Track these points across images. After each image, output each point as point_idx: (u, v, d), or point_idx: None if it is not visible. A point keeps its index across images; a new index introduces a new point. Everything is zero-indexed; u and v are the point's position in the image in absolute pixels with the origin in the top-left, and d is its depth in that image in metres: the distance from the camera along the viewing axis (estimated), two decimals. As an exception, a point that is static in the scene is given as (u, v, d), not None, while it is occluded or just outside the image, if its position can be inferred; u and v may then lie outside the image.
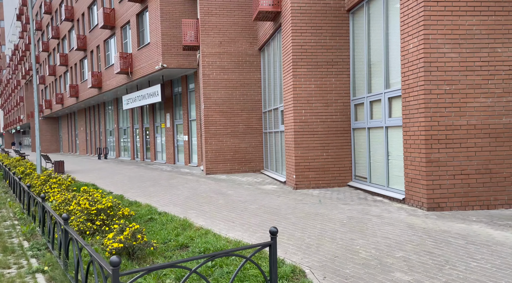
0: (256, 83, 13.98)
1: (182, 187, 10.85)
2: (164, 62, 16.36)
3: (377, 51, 8.66)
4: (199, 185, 11.21)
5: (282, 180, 10.96)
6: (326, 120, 9.84)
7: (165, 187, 11.13)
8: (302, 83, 9.74)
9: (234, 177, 12.72)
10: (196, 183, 11.56)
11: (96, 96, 26.50)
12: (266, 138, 13.61)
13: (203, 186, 10.97)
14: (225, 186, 10.85)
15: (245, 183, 11.38)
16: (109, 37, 23.28)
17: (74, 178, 10.29)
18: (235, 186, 10.79)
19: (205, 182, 11.85)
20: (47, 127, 46.90)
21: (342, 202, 7.93)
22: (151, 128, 21.92)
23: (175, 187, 11.03)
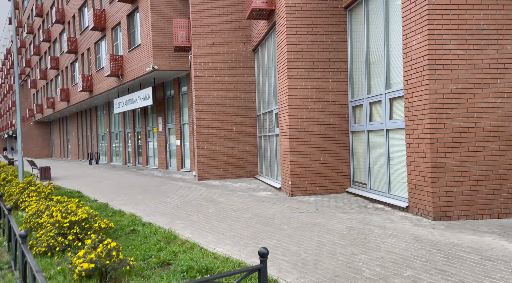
0: (250, 85, 13.47)
1: (171, 194, 10.28)
2: (155, 64, 15.82)
3: (377, 49, 8.18)
4: (190, 191, 10.64)
5: (277, 186, 10.42)
6: (323, 123, 9.33)
7: (154, 194, 10.55)
8: (297, 84, 9.23)
9: (227, 183, 12.17)
10: (187, 190, 10.99)
11: (87, 100, 25.89)
12: (261, 142, 13.09)
13: (194, 192, 10.41)
14: (217, 192, 10.29)
15: (238, 189, 10.83)
16: (100, 39, 22.73)
17: (55, 186, 9.69)
18: (227, 192, 10.24)
19: (197, 188, 11.29)
20: (38, 132, 46.13)
21: (341, 210, 7.40)
22: (143, 132, 21.33)
23: (164, 194, 10.45)
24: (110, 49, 20.89)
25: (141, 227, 6.44)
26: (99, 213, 7.80)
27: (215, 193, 10.17)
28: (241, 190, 10.68)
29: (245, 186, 11.49)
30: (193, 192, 10.47)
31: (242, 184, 11.97)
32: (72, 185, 13.53)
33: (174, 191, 10.94)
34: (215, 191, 10.53)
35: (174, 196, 9.94)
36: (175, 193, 10.53)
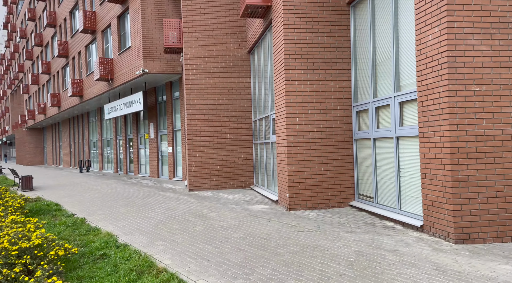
0: (246, 89, 12.62)
1: (158, 208, 9.36)
2: (146, 67, 14.97)
3: (384, 48, 7.35)
4: (178, 204, 9.72)
5: (274, 198, 9.51)
6: (324, 130, 8.47)
7: (138, 207, 9.62)
8: (296, 87, 8.38)
9: (220, 194, 11.25)
10: (175, 202, 10.07)
11: (78, 106, 24.99)
12: (257, 150, 12.21)
13: (183, 206, 9.48)
14: (208, 206, 9.37)
15: (231, 201, 9.92)
16: (90, 42, 21.91)
17: (34, 198, 8.75)
18: (219, 205, 9.32)
19: (186, 200, 10.36)
20: (31, 138, 45.11)
21: (345, 228, 6.50)
22: (134, 139, 20.41)
23: (150, 207, 9.52)
24: (100, 52, 20.05)
25: (113, 251, 5.51)
26: (71, 232, 6.88)
27: (206, 206, 9.25)
28: (234, 202, 9.77)
29: (239, 197, 10.57)
30: (182, 205, 9.55)
31: (236, 195, 11.05)
32: (54, 196, 12.57)
33: (161, 203, 10.01)
34: (206, 204, 9.61)
35: (160, 210, 9.01)
36: (162, 206, 9.60)
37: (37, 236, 4.42)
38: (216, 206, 9.26)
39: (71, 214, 8.86)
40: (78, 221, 7.88)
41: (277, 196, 9.41)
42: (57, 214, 8.87)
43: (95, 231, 6.89)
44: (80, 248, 5.74)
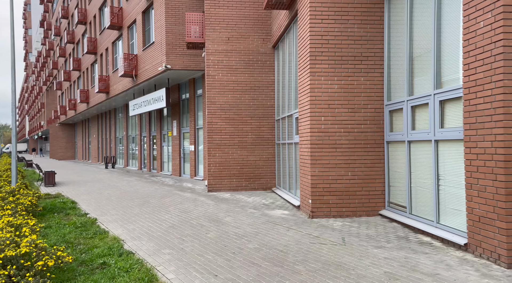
0: (269, 86, 11.98)
1: (173, 209, 8.90)
2: (168, 63, 14.63)
3: (423, 40, 6.51)
4: (194, 206, 9.23)
5: (295, 203, 8.84)
6: (352, 131, 7.70)
7: (153, 208, 9.20)
8: (321, 83, 7.66)
9: (239, 196, 10.67)
10: (192, 204, 9.58)
11: (106, 102, 25.19)
12: (279, 150, 11.55)
13: (199, 208, 8.98)
14: (225, 209, 8.82)
15: (250, 205, 9.32)
16: (117, 38, 21.94)
17: (53, 194, 8.50)
18: (236, 209, 8.75)
19: (203, 202, 9.86)
20: (63, 134, 46.40)
21: (374, 242, 5.74)
22: (158, 136, 20.24)
23: (166, 208, 9.08)
24: (126, 48, 20.00)
25: (115, 259, 5.04)
26: (78, 234, 6.50)
27: (223, 210, 8.70)
28: (253, 206, 9.16)
29: (259, 201, 9.96)
30: (198, 207, 9.04)
31: (255, 198, 10.44)
32: (73, 193, 12.43)
33: (177, 204, 9.55)
34: (223, 207, 9.06)
35: (175, 212, 8.55)
36: (178, 207, 9.14)
37: (25, 244, 3.99)
38: (233, 210, 8.69)
39: (84, 214, 8.55)
40: (88, 222, 7.52)
41: (299, 201, 8.73)
42: (71, 213, 8.59)
43: (103, 235, 6.47)
44: (81, 255, 5.31)
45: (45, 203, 9.77)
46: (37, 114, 72.07)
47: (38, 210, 8.49)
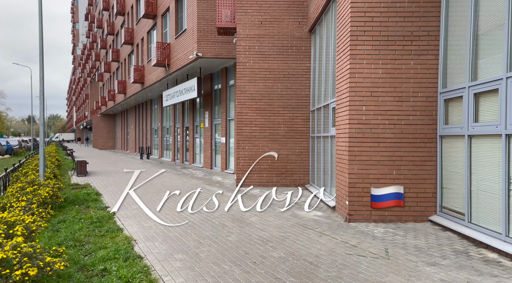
0: (304, 74, 11.01)
1: (197, 205, 8.26)
2: (200, 51, 14.01)
3: (493, 12, 5.32)
4: (220, 203, 8.54)
5: (330, 203, 7.91)
6: (399, 123, 6.64)
7: (177, 202, 8.62)
8: (363, 67, 6.64)
9: (268, 192, 9.85)
10: (217, 200, 8.91)
11: (142, 93, 25.21)
12: (314, 144, 10.59)
13: (224, 205, 8.28)
14: (252, 206, 8.06)
15: (279, 203, 8.50)
16: (152, 27, 21.71)
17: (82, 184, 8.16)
18: (265, 207, 7.96)
19: (230, 198, 9.16)
20: (104, 124, 47.72)
21: (426, 257, 4.74)
22: (190, 128, 19.85)
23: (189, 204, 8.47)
24: (159, 37, 19.69)
25: (118, 265, 4.42)
26: (90, 231, 6.01)
27: (250, 206, 7.95)
28: (283, 205, 8.33)
29: (290, 199, 9.09)
30: (223, 204, 8.35)
31: (286, 195, 9.58)
32: (101, 183, 12.22)
33: (202, 200, 8.92)
34: (250, 204, 8.31)
35: (199, 208, 7.90)
36: (202, 203, 8.49)
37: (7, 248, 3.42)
38: (261, 208, 7.90)
39: (105, 207, 8.12)
40: (105, 217, 7.04)
41: (334, 202, 7.79)
42: (91, 206, 8.19)
43: (115, 233, 5.92)
44: (84, 257, 4.75)
45: (69, 194, 9.51)
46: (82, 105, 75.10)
47: (59, 201, 8.18)
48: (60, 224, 6.43)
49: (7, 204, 6.68)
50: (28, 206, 6.43)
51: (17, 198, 6.81)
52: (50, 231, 5.94)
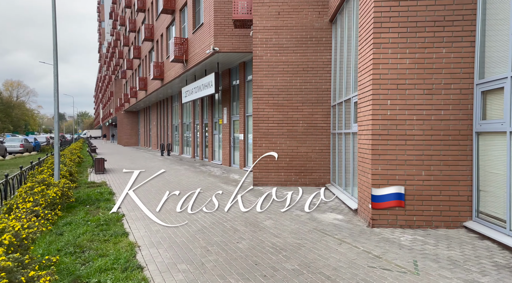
0: (324, 67, 10.38)
1: (209, 206, 7.86)
2: (216, 45, 13.59)
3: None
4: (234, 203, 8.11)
5: (352, 206, 7.32)
6: (428, 118, 5.98)
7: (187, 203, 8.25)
8: (388, 57, 6.01)
9: (287, 193, 9.34)
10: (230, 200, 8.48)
11: (162, 90, 25.13)
12: (335, 141, 9.98)
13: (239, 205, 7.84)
14: (268, 208, 7.58)
15: (297, 205, 7.97)
16: (171, 23, 21.49)
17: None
18: (281, 209, 7.46)
19: (246, 198, 8.71)
20: (127, 121, 48.33)
21: (462, 272, 4.13)
22: (209, 124, 19.54)
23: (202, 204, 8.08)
24: (178, 33, 19.42)
25: (115, 276, 4.05)
26: (94, 235, 5.70)
27: (264, 207, 7.47)
28: (301, 206, 7.81)
29: (309, 199, 8.55)
30: (237, 204, 7.91)
31: (305, 195, 9.05)
32: (117, 182, 12.06)
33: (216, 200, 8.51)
34: (266, 206, 7.83)
35: (211, 210, 7.50)
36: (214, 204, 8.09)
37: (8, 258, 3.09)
38: (277, 210, 7.42)
39: (115, 207, 7.84)
40: (114, 219, 6.74)
41: (356, 203, 7.20)
42: (102, 206, 7.94)
43: (119, 237, 5.59)
44: (81, 266, 4.41)
45: (82, 193, 9.33)
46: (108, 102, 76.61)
47: (70, 201, 7.97)
48: (65, 227, 6.16)
49: (14, 205, 6.48)
50: (33, 208, 6.20)
51: (23, 198, 6.60)
52: (54, 235, 5.68)
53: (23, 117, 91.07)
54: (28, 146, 31.09)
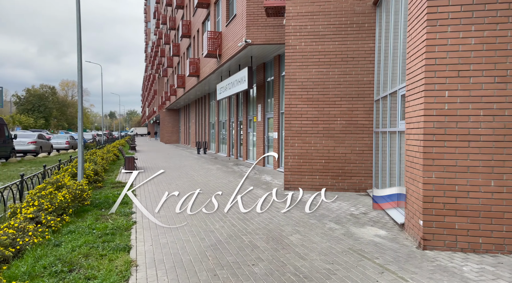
0: (367, 57, 9.13)
1: (231, 214, 7.00)
2: (249, 37, 12.70)
3: None
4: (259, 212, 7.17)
5: (398, 219, 6.12)
6: (501, 113, 4.67)
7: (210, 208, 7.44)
8: (447, 37, 4.77)
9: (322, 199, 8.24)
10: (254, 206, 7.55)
11: (199, 87, 24.72)
12: (378, 141, 8.71)
13: (264, 214, 6.90)
14: (297, 218, 6.57)
15: (332, 215, 6.88)
16: (206, 18, 20.92)
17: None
18: (312, 220, 6.42)
19: (274, 205, 7.73)
20: (169, 119, 48.96)
21: None
22: (244, 122, 18.73)
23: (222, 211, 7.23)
24: (212, 27, 18.77)
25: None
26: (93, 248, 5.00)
27: (293, 220, 6.47)
28: (336, 217, 6.70)
29: (346, 208, 7.42)
30: (263, 213, 6.97)
31: (342, 203, 7.91)
32: (144, 181, 11.55)
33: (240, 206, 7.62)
34: (295, 215, 6.82)
35: (231, 219, 6.63)
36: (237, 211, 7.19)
37: None
38: (306, 222, 6.38)
39: (130, 213, 7.20)
40: (122, 227, 6.05)
41: (403, 217, 5.98)
42: (116, 211, 7.30)
43: (119, 252, 4.84)
44: (58, 291, 3.68)
45: (102, 194, 8.83)
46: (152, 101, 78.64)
47: (84, 204, 7.44)
48: (67, 236, 5.55)
49: (18, 209, 5.98)
50: (36, 213, 5.65)
51: (28, 202, 6.09)
52: (50, 246, 5.05)
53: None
54: (74, 143, 32.11)
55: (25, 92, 78.34)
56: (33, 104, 76.92)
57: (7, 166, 16.87)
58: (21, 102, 77.64)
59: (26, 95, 78.00)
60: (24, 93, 78.32)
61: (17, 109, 76.87)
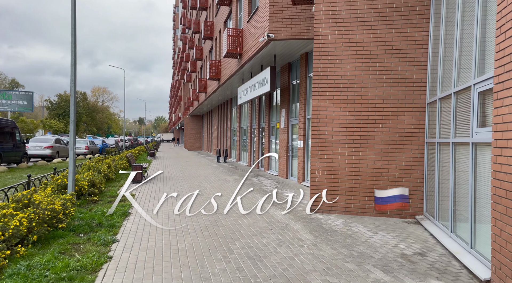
0: (417, 48, 7.27)
1: (237, 247, 5.30)
2: (272, 31, 11.07)
3: None
4: (277, 244, 5.45)
5: (477, 270, 4.22)
6: None
7: (213, 238, 5.78)
8: None
9: (359, 229, 6.39)
10: (274, 237, 5.82)
11: (220, 91, 23.32)
12: (433, 154, 6.79)
13: (282, 250, 5.16)
14: (327, 258, 4.79)
15: (375, 254, 5.04)
16: (228, 16, 19.52)
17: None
18: (348, 264, 4.62)
19: (294, 235, 5.98)
20: (192, 124, 48.02)
21: None
22: (266, 129, 17.06)
23: (226, 243, 5.55)
24: (234, 25, 17.31)
25: None
26: None
27: (321, 261, 4.69)
28: (382, 259, 4.86)
29: (394, 244, 5.55)
30: (281, 248, 5.22)
31: (387, 235, 6.03)
32: (147, 196, 10.10)
33: (251, 235, 5.93)
34: (326, 253, 5.03)
35: (236, 255, 4.93)
36: (247, 243, 5.49)
37: None
38: (341, 266, 4.59)
39: (111, 241, 5.62)
40: (88, 267, 4.47)
41: (488, 270, 4.08)
42: (95, 238, 5.73)
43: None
44: None
45: (88, 214, 7.34)
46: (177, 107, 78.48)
47: (59, 227, 5.97)
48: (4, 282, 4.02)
49: None
50: None
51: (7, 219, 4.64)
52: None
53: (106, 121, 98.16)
54: (94, 148, 31.48)
55: (57, 98, 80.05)
56: (64, 109, 78.38)
57: (13, 171, 15.92)
58: (52, 107, 79.31)
59: (57, 100, 79.68)
60: (56, 99, 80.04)
61: (49, 114, 78.60)
